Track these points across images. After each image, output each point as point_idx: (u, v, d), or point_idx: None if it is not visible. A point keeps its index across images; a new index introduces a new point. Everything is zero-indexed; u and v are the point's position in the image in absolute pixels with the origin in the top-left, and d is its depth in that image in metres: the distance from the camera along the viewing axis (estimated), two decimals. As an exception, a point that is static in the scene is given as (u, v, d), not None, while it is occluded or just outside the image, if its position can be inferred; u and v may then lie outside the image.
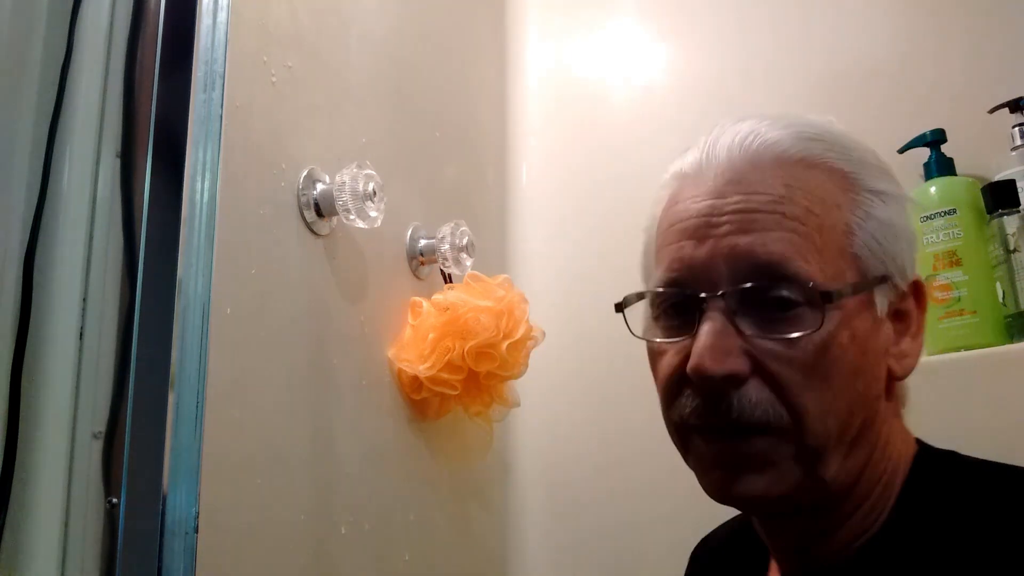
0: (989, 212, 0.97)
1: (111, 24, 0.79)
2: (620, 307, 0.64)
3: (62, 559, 0.68)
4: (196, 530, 0.64)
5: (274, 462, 0.83)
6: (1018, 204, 0.96)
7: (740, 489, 0.55)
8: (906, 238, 0.59)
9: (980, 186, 0.99)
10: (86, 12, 0.78)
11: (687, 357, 0.55)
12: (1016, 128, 1.00)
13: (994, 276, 0.96)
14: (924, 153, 1.05)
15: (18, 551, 0.67)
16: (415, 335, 1.05)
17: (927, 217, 1.01)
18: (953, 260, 0.98)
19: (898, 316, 0.59)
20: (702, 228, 0.57)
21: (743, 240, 0.55)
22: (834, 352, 0.54)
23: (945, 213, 1.00)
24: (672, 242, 0.59)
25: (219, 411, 0.75)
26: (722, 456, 0.56)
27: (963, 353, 0.96)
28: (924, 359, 0.98)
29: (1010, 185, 0.97)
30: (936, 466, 0.59)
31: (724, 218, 0.56)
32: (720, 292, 0.55)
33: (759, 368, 0.54)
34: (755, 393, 0.54)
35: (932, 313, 1.00)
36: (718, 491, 0.57)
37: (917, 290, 0.60)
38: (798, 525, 0.60)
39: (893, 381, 0.59)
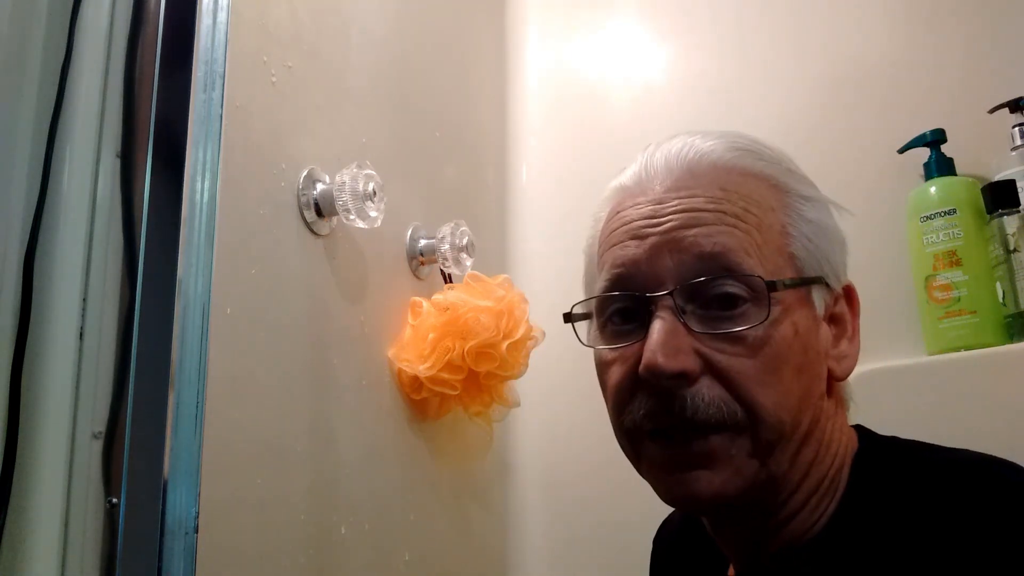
0: (989, 212, 0.97)
1: (111, 24, 0.79)
2: (568, 318, 0.66)
3: (62, 559, 0.68)
4: (196, 530, 0.64)
5: (274, 462, 0.83)
6: (1018, 204, 0.96)
7: (695, 488, 0.55)
8: (837, 240, 0.61)
9: (980, 186, 0.99)
10: (86, 12, 0.78)
11: (637, 362, 0.56)
12: (1016, 128, 1.00)
13: (994, 276, 0.96)
14: (924, 153, 1.05)
15: (18, 551, 0.67)
16: (415, 335, 1.05)
17: (927, 217, 1.01)
18: (953, 260, 0.98)
19: (834, 319, 0.61)
20: (645, 228, 0.58)
21: (688, 233, 0.56)
22: (780, 345, 0.55)
23: (945, 213, 1.00)
24: (615, 243, 0.60)
25: (219, 411, 0.75)
26: (676, 458, 0.56)
27: (963, 353, 0.96)
28: (924, 359, 0.99)
29: (1010, 185, 0.97)
30: (877, 456, 0.60)
31: (667, 217, 0.58)
32: (668, 291, 0.56)
33: (709, 366, 0.55)
34: (707, 391, 0.55)
35: (932, 313, 1.00)
36: (673, 494, 0.57)
37: (849, 294, 0.62)
38: (747, 523, 0.60)
39: (833, 382, 0.61)
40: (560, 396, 1.30)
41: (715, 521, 0.64)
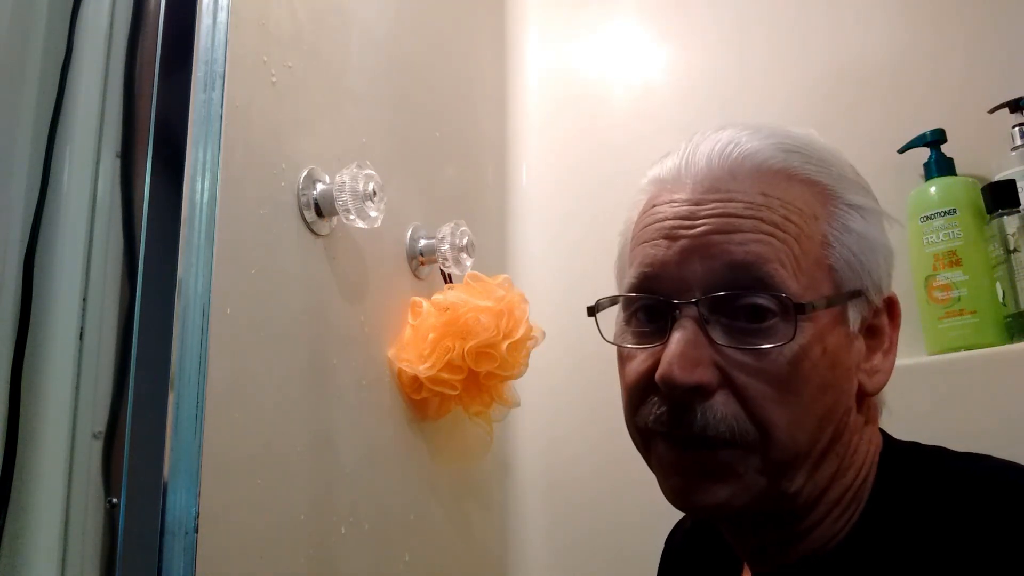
0: (989, 212, 0.97)
1: (111, 24, 0.79)
2: (592, 311, 0.64)
3: (62, 559, 0.68)
4: (196, 530, 0.64)
5: (274, 462, 0.83)
6: (1018, 204, 0.96)
7: (701, 498, 0.55)
8: (883, 253, 0.59)
9: (980, 186, 0.99)
10: (86, 12, 0.78)
11: (656, 363, 0.55)
12: (1016, 128, 1.00)
13: (994, 276, 0.96)
14: (924, 153, 1.05)
15: (18, 551, 0.67)
16: (415, 335, 1.05)
17: (927, 217, 1.01)
18: (953, 260, 0.98)
19: (871, 332, 0.59)
20: (677, 228, 0.56)
21: (719, 239, 0.54)
22: (805, 366, 0.53)
23: (945, 213, 1.00)
24: (646, 240, 0.59)
25: (219, 411, 0.75)
26: (684, 463, 0.55)
27: (963, 353, 0.96)
28: (924, 359, 0.99)
29: (1010, 185, 0.97)
30: (899, 463, 0.59)
31: (700, 220, 0.56)
32: (693, 300, 0.54)
33: (728, 380, 0.53)
34: (722, 407, 0.53)
35: (932, 313, 1.00)
36: (678, 498, 0.56)
37: (891, 307, 0.60)
38: (763, 534, 0.60)
39: (864, 396, 0.59)
40: (560, 396, 1.30)
41: (727, 530, 0.63)
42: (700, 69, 1.33)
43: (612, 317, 0.64)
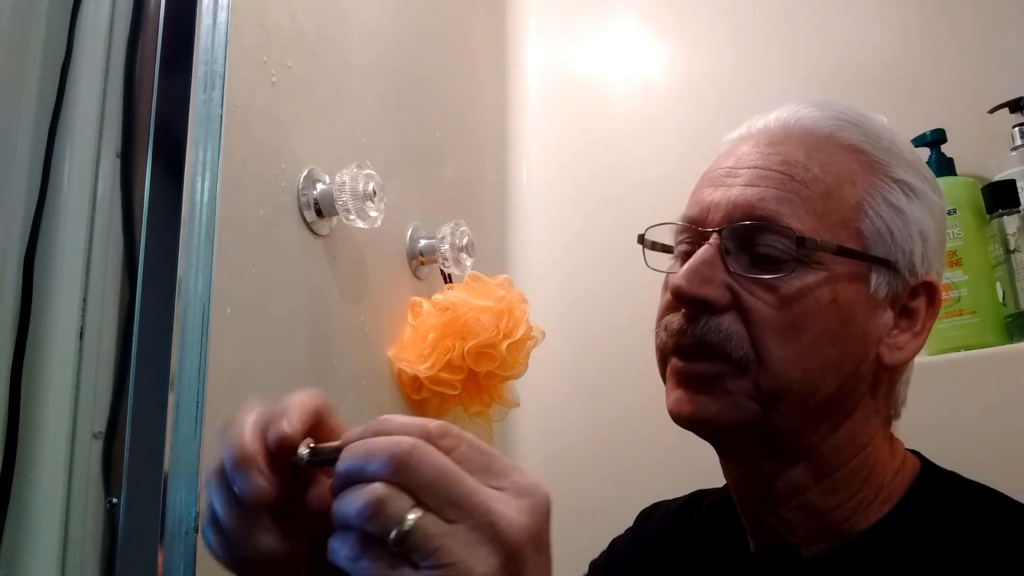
0: (989, 212, 0.97)
1: (111, 24, 0.79)
2: (641, 239, 0.68)
3: (62, 559, 0.68)
4: (196, 530, 0.64)
5: (274, 462, 0.83)
6: (1018, 204, 0.96)
7: (693, 408, 0.58)
8: (923, 235, 0.60)
9: (980, 186, 0.99)
10: (86, 12, 0.78)
11: None
12: (1016, 128, 1.00)
13: (994, 276, 0.96)
14: (924, 153, 1.05)
15: (18, 551, 0.67)
16: (415, 335, 1.05)
17: (927, 217, 1.01)
18: (953, 260, 0.98)
19: (905, 312, 0.60)
20: (722, 178, 0.62)
21: (748, 191, 0.59)
22: (808, 305, 0.57)
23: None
24: (699, 188, 0.64)
25: (219, 411, 0.75)
26: (684, 374, 0.59)
27: (963, 353, 0.96)
28: (924, 359, 0.99)
29: (1010, 185, 0.97)
30: (941, 480, 0.60)
31: (742, 171, 0.61)
32: (718, 229, 0.59)
33: (738, 304, 0.58)
34: (728, 325, 0.57)
35: (932, 313, 1.00)
36: (675, 408, 0.60)
37: (931, 292, 0.61)
38: (775, 501, 0.60)
39: (881, 369, 0.60)
40: (560, 396, 1.30)
41: (744, 493, 0.64)
42: (700, 69, 1.33)
43: (656, 255, 0.68)
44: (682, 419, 0.60)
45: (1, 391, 0.69)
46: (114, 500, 0.69)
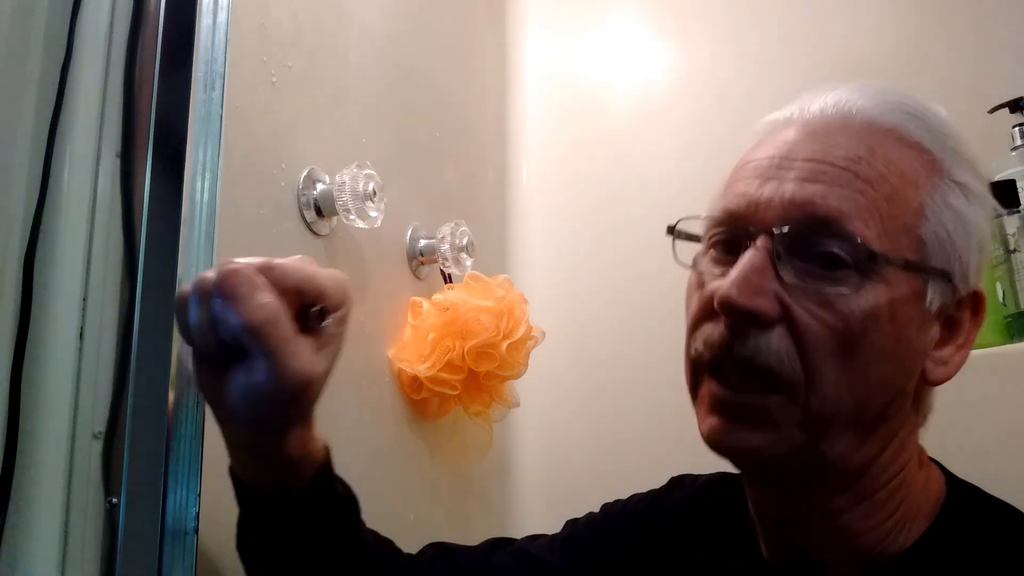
0: (989, 212, 0.97)
1: (111, 24, 0.79)
2: (671, 230, 0.61)
3: (62, 559, 0.68)
4: (196, 530, 0.64)
5: (274, 462, 0.83)
6: (1018, 204, 0.96)
7: (734, 440, 0.53)
8: (978, 239, 0.56)
9: (980, 186, 0.99)
10: (86, 12, 0.78)
11: None
12: (1016, 128, 1.00)
13: (994, 276, 0.96)
14: (924, 153, 1.05)
15: (18, 551, 0.67)
16: (415, 335, 1.05)
17: (927, 217, 1.01)
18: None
19: (949, 323, 0.56)
20: (771, 170, 0.55)
21: (807, 188, 0.53)
22: (868, 324, 0.51)
23: (945, 213, 0.99)
24: (741, 178, 0.58)
25: (219, 411, 0.75)
26: (724, 401, 0.54)
27: (963, 353, 0.96)
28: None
29: (1010, 185, 0.97)
30: (967, 507, 0.57)
31: (796, 164, 0.54)
32: (768, 231, 0.53)
33: (788, 318, 0.52)
34: (776, 341, 0.52)
35: (932, 313, 0.99)
36: (712, 437, 0.55)
37: (976, 302, 0.57)
38: (791, 507, 0.57)
39: (924, 384, 0.57)
40: (560, 396, 1.31)
41: (760, 494, 0.61)
42: (701, 69, 1.33)
43: (685, 245, 0.62)
44: (720, 450, 0.55)
45: (1, 391, 0.69)
46: (114, 500, 0.69)
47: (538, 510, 1.29)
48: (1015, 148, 1.00)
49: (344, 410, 0.95)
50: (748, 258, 0.53)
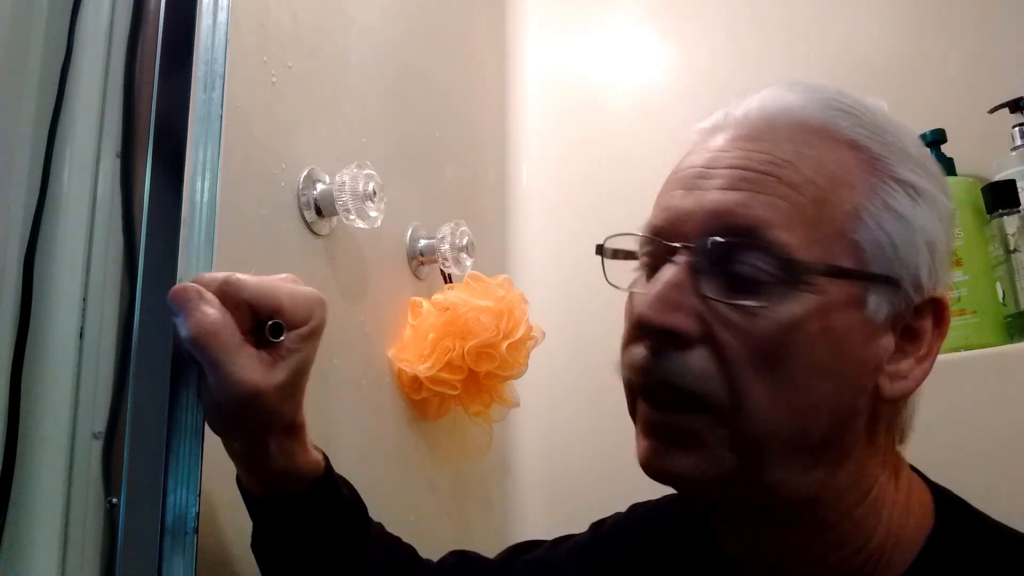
0: (989, 212, 0.97)
1: (111, 24, 0.79)
2: (600, 249, 0.61)
3: (62, 559, 0.68)
4: (196, 530, 0.64)
5: (274, 462, 0.83)
6: (1018, 204, 0.96)
7: (666, 464, 0.51)
8: (929, 245, 0.52)
9: (980, 186, 0.99)
10: (86, 12, 0.78)
11: None
12: (1016, 128, 1.00)
13: (994, 276, 0.96)
14: (924, 153, 1.05)
15: (18, 551, 0.67)
16: (415, 335, 1.05)
17: (927, 217, 1.01)
18: (953, 260, 0.98)
19: (908, 333, 0.53)
20: (695, 179, 0.53)
21: (728, 197, 0.51)
22: (797, 339, 0.48)
23: (945, 213, 0.99)
24: (667, 189, 0.56)
25: (219, 411, 0.75)
26: (654, 425, 0.52)
27: (963, 353, 0.96)
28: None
29: (1010, 185, 0.97)
30: (959, 532, 0.54)
31: (718, 171, 0.52)
32: (686, 244, 0.51)
33: (710, 336, 0.49)
34: (698, 361, 0.49)
35: (932, 313, 1.00)
36: (645, 461, 0.53)
37: (938, 310, 0.54)
38: (758, 538, 0.55)
39: (880, 402, 0.52)
40: (560, 396, 1.31)
41: (735, 553, 0.58)
42: (701, 69, 1.33)
43: (619, 263, 0.61)
44: (652, 474, 0.52)
45: (1, 391, 0.69)
46: (114, 500, 0.69)
47: (538, 510, 1.29)
48: (1015, 148, 1.00)
49: (344, 410, 0.95)
50: (667, 274, 0.51)
